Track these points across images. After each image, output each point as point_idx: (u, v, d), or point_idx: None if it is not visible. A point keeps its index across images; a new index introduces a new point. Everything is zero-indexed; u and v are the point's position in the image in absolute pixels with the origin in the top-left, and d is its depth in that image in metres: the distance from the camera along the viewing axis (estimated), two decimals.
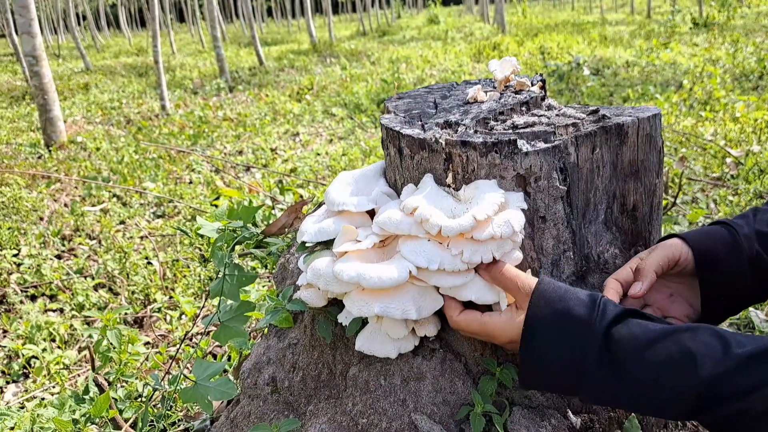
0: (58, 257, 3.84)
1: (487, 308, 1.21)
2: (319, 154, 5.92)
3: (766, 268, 1.20)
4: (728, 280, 1.20)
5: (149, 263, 3.61)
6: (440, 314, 1.25)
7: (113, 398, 1.91)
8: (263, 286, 3.01)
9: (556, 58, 10.47)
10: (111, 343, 1.99)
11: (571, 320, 1.03)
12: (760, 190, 3.64)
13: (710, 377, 0.91)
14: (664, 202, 3.36)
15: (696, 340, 0.95)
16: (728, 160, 4.31)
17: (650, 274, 1.19)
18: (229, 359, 2.33)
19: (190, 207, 4.45)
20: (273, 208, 3.96)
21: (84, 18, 32.22)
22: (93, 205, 4.76)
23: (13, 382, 2.63)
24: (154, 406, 1.98)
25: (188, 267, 3.50)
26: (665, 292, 1.28)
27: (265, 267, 3.25)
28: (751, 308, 2.36)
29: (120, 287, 3.33)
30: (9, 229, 4.02)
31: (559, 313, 1.04)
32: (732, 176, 4.07)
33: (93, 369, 2.12)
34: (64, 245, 4.00)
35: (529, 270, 1.22)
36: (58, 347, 2.81)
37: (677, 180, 3.92)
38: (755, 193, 3.63)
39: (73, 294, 3.25)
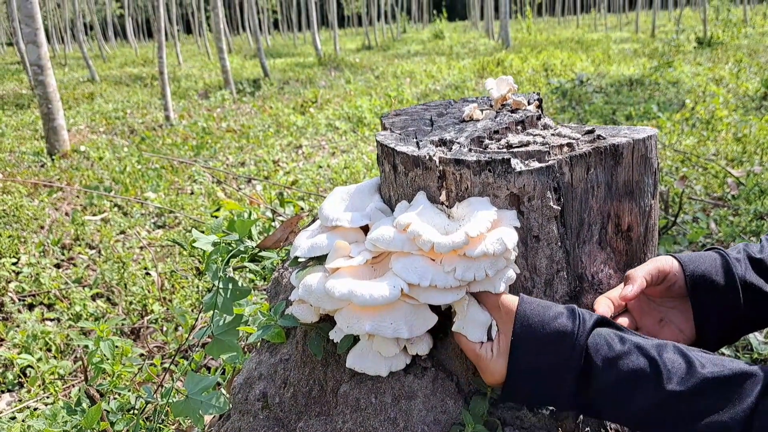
0: (57, 266, 3.84)
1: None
2: (321, 167, 5.93)
3: (758, 291, 1.19)
4: (720, 299, 1.20)
5: (148, 274, 3.61)
6: (432, 332, 1.24)
7: (105, 410, 1.90)
8: (261, 299, 3.01)
9: (559, 75, 10.50)
10: (104, 355, 1.98)
11: (555, 332, 1.07)
12: (761, 210, 3.63)
13: (674, 393, 0.97)
14: (663, 222, 3.35)
15: (663, 356, 1.01)
16: (729, 180, 4.30)
17: (639, 279, 1.21)
18: (223, 372, 2.32)
19: (191, 218, 4.45)
20: (273, 221, 3.96)
21: (91, 28, 32.45)
22: (94, 215, 4.77)
23: (8, 391, 2.62)
24: (146, 419, 1.97)
25: (186, 278, 3.50)
26: (655, 317, 1.28)
27: (263, 280, 3.25)
28: None
29: (118, 297, 3.33)
30: (9, 237, 4.03)
31: (543, 325, 1.09)
32: (733, 196, 4.06)
33: (86, 380, 2.11)
34: (63, 254, 4.00)
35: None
36: (54, 357, 2.80)
37: (678, 199, 3.91)
38: (756, 214, 3.62)
39: (70, 303, 3.25)
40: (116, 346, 2.06)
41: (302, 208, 4.35)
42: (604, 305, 1.22)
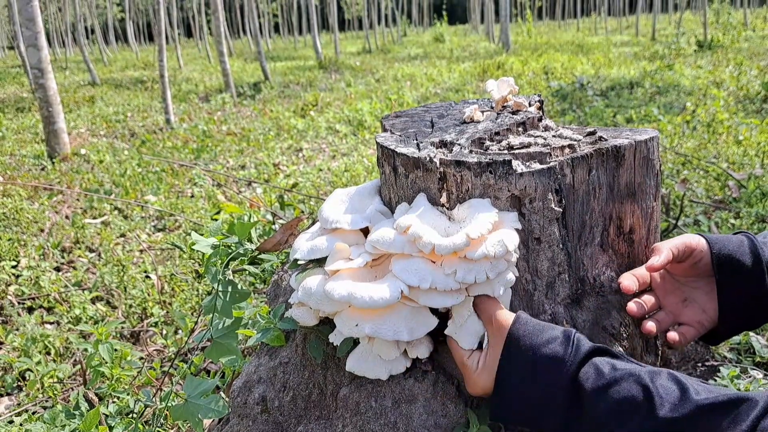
0: (57, 269, 3.83)
1: None
2: (321, 170, 5.92)
3: None
4: (745, 280, 1.19)
5: (147, 277, 3.60)
6: (433, 335, 1.23)
7: (104, 414, 1.89)
8: (262, 302, 2.99)
9: (560, 78, 10.50)
10: (103, 358, 1.97)
11: (546, 358, 1.05)
12: (762, 213, 3.61)
13: (666, 420, 0.94)
14: (665, 225, 3.34)
15: (656, 383, 0.98)
16: (730, 182, 4.29)
17: (666, 250, 1.20)
18: (222, 376, 2.31)
19: (191, 221, 4.44)
20: (273, 224, 3.95)
21: (92, 31, 32.51)
22: (94, 218, 4.76)
23: (7, 394, 2.61)
24: (145, 422, 1.95)
25: (186, 281, 3.49)
26: (679, 296, 1.28)
27: (263, 283, 3.24)
28: (751, 333, 2.33)
29: (117, 301, 3.32)
30: (9, 240, 4.02)
31: (534, 349, 1.07)
32: (734, 199, 4.05)
33: (85, 383, 2.10)
34: (63, 257, 3.99)
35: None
36: (53, 360, 2.79)
37: (679, 202, 3.90)
38: (757, 217, 3.60)
39: (70, 307, 3.24)
40: (115, 350, 2.05)
41: (302, 211, 4.34)
42: (629, 280, 1.22)
